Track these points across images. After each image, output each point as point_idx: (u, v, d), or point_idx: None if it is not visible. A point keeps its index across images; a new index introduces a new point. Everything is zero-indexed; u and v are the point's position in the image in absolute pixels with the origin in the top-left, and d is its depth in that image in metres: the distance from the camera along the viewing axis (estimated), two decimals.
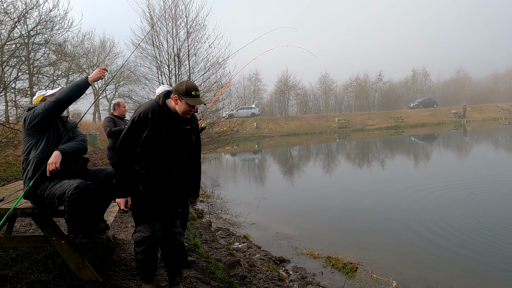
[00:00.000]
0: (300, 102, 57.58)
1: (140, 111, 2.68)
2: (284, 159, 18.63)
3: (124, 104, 6.46)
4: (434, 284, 3.84)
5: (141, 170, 2.72)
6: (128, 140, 2.67)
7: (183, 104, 2.67)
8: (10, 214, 3.20)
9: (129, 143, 2.67)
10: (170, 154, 2.76)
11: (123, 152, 2.69)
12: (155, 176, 2.75)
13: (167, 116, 2.70)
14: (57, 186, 2.90)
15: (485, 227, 5.62)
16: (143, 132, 2.65)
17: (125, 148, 2.68)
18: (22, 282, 3.08)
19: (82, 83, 2.97)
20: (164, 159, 2.74)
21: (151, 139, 2.66)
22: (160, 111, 2.69)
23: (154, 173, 2.74)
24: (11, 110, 15.39)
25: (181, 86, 2.66)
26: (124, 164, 2.69)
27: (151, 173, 2.73)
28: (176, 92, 2.68)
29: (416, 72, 63.14)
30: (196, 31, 13.51)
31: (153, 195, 2.77)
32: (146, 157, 2.72)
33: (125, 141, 2.68)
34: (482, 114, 44.55)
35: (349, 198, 8.35)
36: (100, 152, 18.48)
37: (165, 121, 2.68)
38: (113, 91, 34.75)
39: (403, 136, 27.81)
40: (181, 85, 2.67)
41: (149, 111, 2.66)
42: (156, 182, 2.76)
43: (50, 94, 3.22)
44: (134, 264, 3.83)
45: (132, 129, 2.66)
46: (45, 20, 14.63)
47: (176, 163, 2.80)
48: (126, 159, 2.69)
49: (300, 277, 3.94)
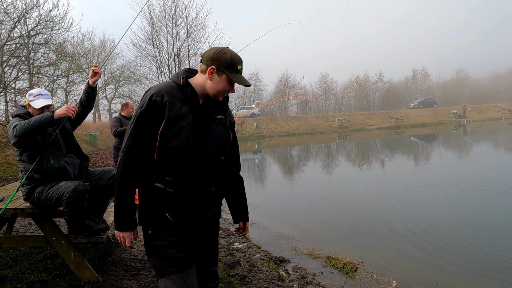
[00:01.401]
0: (300, 102, 57.59)
1: (151, 93, 1.74)
2: (284, 159, 18.64)
3: (133, 105, 6.55)
4: (434, 284, 3.84)
5: (167, 189, 1.75)
6: (136, 143, 1.73)
7: (222, 81, 1.77)
8: (10, 214, 3.20)
9: (138, 146, 1.73)
10: (200, 159, 1.80)
11: (129, 163, 1.73)
12: (186, 196, 1.79)
13: (192, 100, 1.77)
14: (54, 189, 2.91)
15: (486, 227, 5.61)
16: (158, 126, 1.71)
17: (132, 156, 1.73)
18: (22, 282, 3.08)
19: (46, 119, 2.80)
20: (193, 167, 1.79)
21: (172, 135, 1.72)
22: (181, 93, 1.77)
23: (186, 192, 1.78)
24: (11, 110, 15.40)
25: (224, 54, 1.76)
26: (130, 180, 1.74)
27: (182, 191, 1.77)
28: (213, 61, 1.76)
29: (416, 72, 63.25)
30: (196, 31, 13.56)
31: (184, 225, 1.83)
32: (171, 166, 1.75)
33: (131, 145, 1.73)
34: (482, 114, 44.55)
35: (349, 198, 8.35)
36: (100, 152, 18.48)
37: (189, 107, 1.76)
38: (113, 91, 34.75)
39: (403, 136, 27.81)
40: (223, 54, 1.76)
41: (164, 92, 1.73)
42: (188, 205, 1.80)
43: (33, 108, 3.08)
44: (134, 265, 3.83)
45: (140, 124, 1.72)
46: (45, 20, 14.64)
47: (210, 173, 1.85)
48: (133, 172, 1.74)
49: (300, 277, 3.94)
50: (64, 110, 2.84)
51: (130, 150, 1.73)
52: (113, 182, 3.30)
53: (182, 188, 1.76)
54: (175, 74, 1.87)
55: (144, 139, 1.73)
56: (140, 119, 1.73)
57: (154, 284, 3.35)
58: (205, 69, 1.78)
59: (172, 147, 1.72)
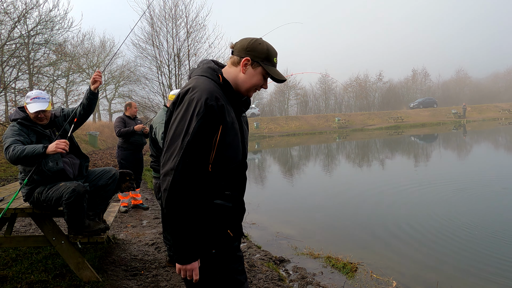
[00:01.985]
0: (300, 102, 57.60)
1: (205, 97, 1.47)
2: (284, 159, 18.64)
3: (136, 105, 6.60)
4: (434, 284, 3.84)
5: (227, 204, 1.57)
6: (195, 158, 1.46)
7: (256, 74, 1.61)
8: (10, 214, 3.20)
9: (197, 161, 1.47)
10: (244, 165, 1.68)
11: (189, 182, 1.45)
12: (241, 208, 1.67)
13: (233, 100, 1.62)
14: (54, 189, 2.91)
15: (487, 226, 5.61)
16: (214, 134, 1.49)
17: (191, 174, 1.46)
18: (22, 282, 3.09)
19: (38, 154, 2.79)
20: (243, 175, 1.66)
21: (229, 143, 1.53)
22: (225, 93, 1.59)
23: (241, 203, 1.66)
24: (11, 110, 15.40)
25: (260, 45, 1.60)
26: (192, 203, 1.47)
27: (238, 204, 1.64)
28: (248, 52, 1.59)
29: (416, 72, 63.24)
30: (196, 31, 13.56)
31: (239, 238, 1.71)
32: (227, 178, 1.57)
33: (189, 162, 1.44)
34: (482, 114, 44.56)
35: (349, 198, 8.35)
36: (100, 152, 18.48)
37: (231, 107, 1.60)
38: (113, 91, 34.76)
39: (403, 136, 27.81)
40: (258, 44, 1.60)
41: (216, 95, 1.50)
42: (241, 217, 1.69)
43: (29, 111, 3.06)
44: (134, 265, 3.83)
45: (200, 135, 1.45)
46: (45, 20, 14.66)
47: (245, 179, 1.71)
48: (195, 193, 1.47)
49: (300, 277, 3.94)
50: (55, 147, 2.80)
51: (189, 167, 1.44)
52: (113, 182, 3.30)
53: (238, 200, 1.62)
54: (206, 68, 1.63)
55: (203, 152, 1.48)
56: (201, 129, 1.44)
57: (155, 284, 3.36)
58: (238, 61, 1.60)
59: (229, 156, 1.53)
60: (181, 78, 13.54)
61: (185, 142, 1.44)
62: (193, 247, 1.49)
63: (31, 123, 3.05)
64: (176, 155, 1.45)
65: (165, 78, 13.58)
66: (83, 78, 29.25)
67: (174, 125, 1.50)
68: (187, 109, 1.47)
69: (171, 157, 1.45)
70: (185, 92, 1.52)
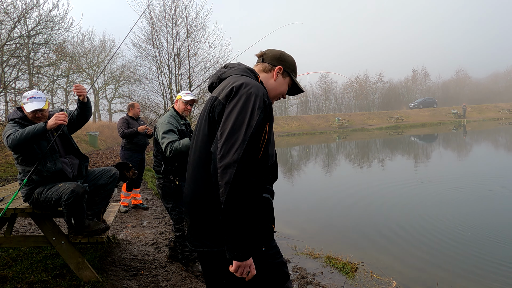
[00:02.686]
0: (300, 102, 57.59)
1: (261, 92, 1.53)
2: (284, 159, 18.64)
3: (139, 105, 6.67)
4: (434, 284, 3.84)
5: (270, 197, 1.63)
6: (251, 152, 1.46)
7: (285, 83, 1.74)
8: (10, 214, 3.20)
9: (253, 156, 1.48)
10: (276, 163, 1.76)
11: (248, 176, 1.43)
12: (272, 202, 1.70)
13: None
14: (53, 190, 2.91)
15: (487, 227, 5.61)
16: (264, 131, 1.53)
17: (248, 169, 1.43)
18: (22, 282, 3.09)
19: (39, 131, 2.80)
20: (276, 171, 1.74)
21: (271, 139, 1.62)
22: None
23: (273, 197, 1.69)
24: (11, 110, 15.41)
25: (289, 57, 1.76)
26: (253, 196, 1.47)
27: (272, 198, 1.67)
28: (281, 62, 1.73)
29: (416, 72, 63.21)
30: (196, 31, 13.54)
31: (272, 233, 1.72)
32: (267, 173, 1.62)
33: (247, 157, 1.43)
34: (482, 114, 44.55)
35: (349, 198, 8.35)
36: (100, 152, 18.47)
37: None
38: (113, 91, 34.77)
39: (403, 136, 27.81)
40: (288, 56, 1.76)
41: (266, 92, 1.58)
42: None
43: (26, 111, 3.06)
44: (134, 265, 3.83)
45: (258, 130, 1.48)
46: (45, 20, 14.66)
47: None
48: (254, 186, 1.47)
49: (300, 277, 3.94)
50: (55, 120, 2.82)
51: (250, 160, 1.44)
52: (113, 181, 3.31)
53: (272, 194, 1.66)
54: (245, 69, 1.68)
55: (258, 147, 1.51)
56: (260, 124, 1.47)
57: (155, 284, 3.36)
58: (270, 68, 1.73)
59: (270, 153, 1.60)
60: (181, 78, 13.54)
61: (248, 134, 1.43)
62: (251, 242, 1.47)
63: (29, 123, 3.05)
64: (239, 147, 1.41)
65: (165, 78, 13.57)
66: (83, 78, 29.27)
67: (232, 117, 1.46)
68: (246, 102, 1.47)
69: (232, 149, 1.42)
70: (239, 86, 1.52)
